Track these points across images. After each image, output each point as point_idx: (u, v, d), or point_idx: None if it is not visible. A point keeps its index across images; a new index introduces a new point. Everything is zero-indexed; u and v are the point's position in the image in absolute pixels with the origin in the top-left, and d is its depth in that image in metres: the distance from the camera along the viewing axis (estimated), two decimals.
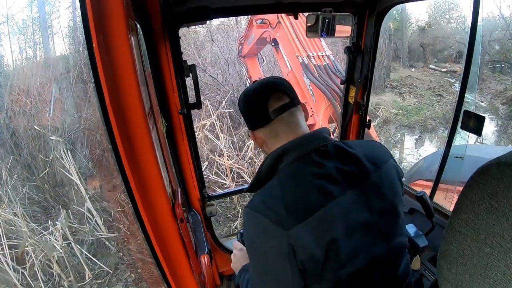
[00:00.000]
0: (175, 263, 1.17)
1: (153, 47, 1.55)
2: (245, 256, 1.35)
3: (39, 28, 8.17)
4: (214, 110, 7.32)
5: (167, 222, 1.10)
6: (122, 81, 0.88)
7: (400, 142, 10.09)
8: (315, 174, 1.00)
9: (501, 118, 10.66)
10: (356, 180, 1.02)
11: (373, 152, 1.12)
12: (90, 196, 5.03)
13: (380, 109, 10.98)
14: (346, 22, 1.88)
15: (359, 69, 1.99)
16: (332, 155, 1.04)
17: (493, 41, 13.43)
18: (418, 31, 17.05)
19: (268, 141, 1.14)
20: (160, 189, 1.04)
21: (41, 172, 5.47)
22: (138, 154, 0.96)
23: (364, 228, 0.98)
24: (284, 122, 1.11)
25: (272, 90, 1.12)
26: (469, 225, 0.54)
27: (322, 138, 1.09)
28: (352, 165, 1.04)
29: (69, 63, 6.76)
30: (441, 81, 13.93)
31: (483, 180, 0.52)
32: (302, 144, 1.07)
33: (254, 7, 1.76)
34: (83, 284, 4.25)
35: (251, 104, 1.16)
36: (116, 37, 0.85)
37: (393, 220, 1.07)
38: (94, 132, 6.02)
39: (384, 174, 1.07)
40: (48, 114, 5.86)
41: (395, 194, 1.09)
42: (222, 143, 6.71)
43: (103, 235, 4.75)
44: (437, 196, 2.17)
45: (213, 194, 2.15)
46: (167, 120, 1.71)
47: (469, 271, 0.55)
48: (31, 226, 4.48)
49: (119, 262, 4.51)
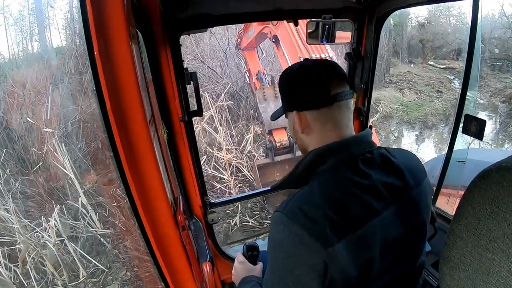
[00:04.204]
0: (177, 270, 1.16)
1: (154, 54, 1.54)
2: (245, 269, 1.34)
3: (35, 19, 8.04)
4: (213, 102, 7.19)
5: (169, 229, 1.09)
6: (123, 89, 0.89)
7: (400, 137, 10.02)
8: (360, 185, 0.91)
9: (500, 116, 10.65)
10: (398, 194, 0.95)
11: (413, 166, 1.05)
12: (85, 190, 4.89)
13: (380, 104, 10.92)
14: (346, 28, 1.88)
15: (359, 75, 1.99)
16: (377, 164, 0.97)
17: (493, 39, 13.44)
18: (417, 27, 17.01)
19: (314, 125, 1.02)
20: (162, 196, 1.03)
21: (35, 166, 5.32)
22: (140, 161, 0.96)
23: (398, 246, 0.94)
24: (341, 110, 1.00)
25: (337, 73, 1.01)
26: (470, 230, 0.55)
27: (367, 142, 1.00)
28: (395, 177, 0.97)
29: (64, 54, 6.64)
30: (440, 77, 13.94)
31: (484, 185, 0.53)
32: (347, 147, 0.97)
33: (254, 15, 1.75)
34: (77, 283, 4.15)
35: (312, 80, 1.01)
36: (117, 44, 0.85)
37: (421, 239, 1.04)
38: (90, 125, 5.89)
39: (423, 191, 1.02)
40: (46, 109, 5.72)
41: (427, 213, 1.05)
42: (221, 136, 6.58)
43: (98, 231, 4.63)
44: (440, 201, 2.18)
45: (215, 201, 2.12)
46: (168, 128, 1.70)
47: (471, 277, 0.55)
48: (23, 222, 4.35)
49: (115, 260, 4.39)
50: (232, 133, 7.16)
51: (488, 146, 7.77)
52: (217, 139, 6.61)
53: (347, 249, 0.83)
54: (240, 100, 8.33)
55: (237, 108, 8.19)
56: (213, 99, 7.45)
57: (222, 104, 7.37)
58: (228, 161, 6.35)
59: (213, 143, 6.69)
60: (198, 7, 1.54)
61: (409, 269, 1.01)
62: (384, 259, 0.89)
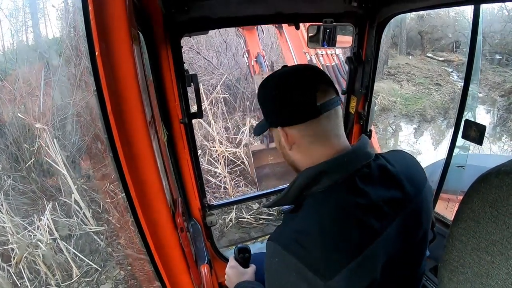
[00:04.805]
0: (175, 272, 1.17)
1: (155, 56, 1.55)
2: (237, 274, 1.33)
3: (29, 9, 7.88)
4: (208, 94, 7.08)
5: (167, 231, 1.10)
6: (124, 90, 0.89)
7: (398, 130, 9.98)
8: (358, 205, 0.83)
9: (499, 110, 10.62)
10: (399, 208, 0.89)
11: (413, 173, 0.99)
12: (78, 186, 4.82)
13: (379, 97, 10.84)
14: (347, 33, 1.90)
15: (360, 80, 2.01)
16: (376, 178, 0.90)
17: (493, 32, 13.35)
18: (416, 18, 16.82)
19: (302, 141, 0.93)
20: (161, 198, 1.04)
21: (27, 162, 5.24)
22: (139, 162, 0.96)
23: (400, 261, 0.89)
24: (329, 121, 0.91)
25: (322, 79, 0.93)
26: (470, 233, 0.55)
27: (364, 155, 0.92)
28: (395, 190, 0.90)
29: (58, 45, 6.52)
30: (438, 70, 13.85)
31: (483, 188, 0.53)
32: (342, 165, 0.89)
33: (255, 17, 1.77)
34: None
35: (294, 92, 0.91)
36: (119, 46, 0.86)
37: (423, 248, 1.00)
38: (82, 119, 5.80)
39: (424, 199, 0.96)
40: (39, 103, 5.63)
41: (429, 219, 1.00)
42: (214, 129, 6.44)
43: (92, 228, 4.58)
44: (439, 206, 2.18)
45: (214, 203, 2.16)
46: (168, 129, 1.71)
47: (470, 280, 0.55)
48: (15, 221, 4.28)
49: (109, 259, 4.35)
50: (228, 125, 7.05)
51: (486, 141, 7.73)
52: (213, 132, 6.48)
53: (347, 279, 0.77)
54: (237, 92, 8.22)
55: (234, 100, 8.09)
56: (209, 91, 7.34)
57: (218, 97, 7.24)
58: (222, 154, 6.24)
59: (208, 136, 6.58)
60: (199, 10, 1.55)
61: (412, 279, 0.99)
62: (385, 275, 0.83)
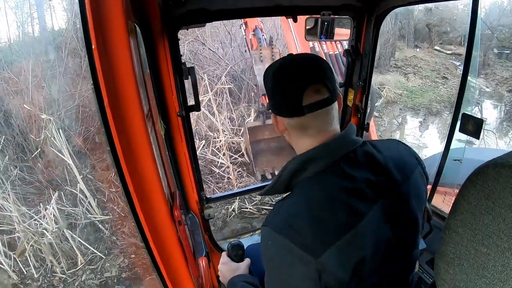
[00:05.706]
0: (173, 265, 1.18)
1: (152, 49, 1.55)
2: (229, 269, 1.34)
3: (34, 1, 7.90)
4: (213, 85, 7.09)
5: (165, 224, 1.11)
6: (121, 83, 0.89)
7: (404, 123, 9.90)
8: (344, 189, 0.90)
9: (506, 105, 10.47)
10: (384, 192, 0.93)
11: (401, 158, 1.02)
12: (83, 176, 4.88)
13: (385, 89, 10.72)
14: (345, 25, 1.93)
15: (357, 72, 2.02)
16: (361, 163, 0.95)
17: (501, 26, 13.10)
18: (424, 10, 16.56)
19: (292, 132, 1.02)
20: (158, 191, 1.05)
21: (34, 152, 5.30)
22: (137, 156, 0.97)
23: (389, 245, 0.92)
24: (317, 118, 0.96)
25: (313, 79, 0.96)
26: (466, 225, 0.55)
27: (351, 142, 0.97)
28: (381, 175, 0.95)
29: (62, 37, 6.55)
30: (446, 63, 13.62)
31: (480, 180, 0.53)
32: (328, 151, 0.95)
33: (253, 10, 1.77)
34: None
35: (282, 89, 0.98)
36: (116, 39, 0.86)
37: (414, 234, 1.02)
38: (88, 109, 5.84)
39: (412, 185, 0.99)
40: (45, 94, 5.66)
41: (420, 205, 1.02)
42: (218, 120, 6.43)
43: (96, 217, 4.64)
44: (435, 199, 2.22)
45: (212, 196, 2.16)
46: (166, 122, 1.71)
47: (466, 271, 0.56)
48: (22, 210, 4.35)
49: (113, 247, 4.42)
50: (233, 116, 7.06)
51: (492, 135, 7.65)
52: (217, 123, 6.46)
53: (335, 256, 0.83)
54: (242, 83, 8.21)
55: (238, 91, 8.08)
56: (214, 82, 7.35)
57: (223, 87, 7.26)
58: (226, 145, 6.25)
59: (213, 126, 6.60)
60: (196, 2, 1.54)
61: (403, 265, 1.02)
62: (375, 257, 0.88)
